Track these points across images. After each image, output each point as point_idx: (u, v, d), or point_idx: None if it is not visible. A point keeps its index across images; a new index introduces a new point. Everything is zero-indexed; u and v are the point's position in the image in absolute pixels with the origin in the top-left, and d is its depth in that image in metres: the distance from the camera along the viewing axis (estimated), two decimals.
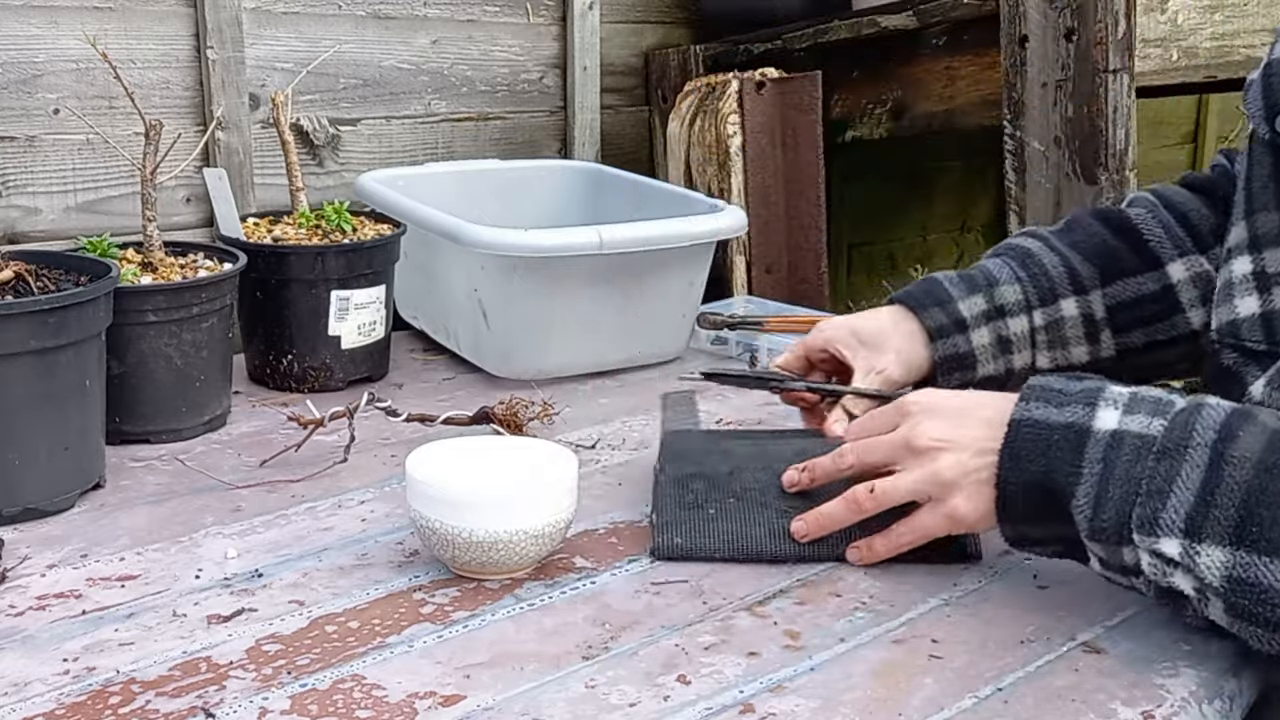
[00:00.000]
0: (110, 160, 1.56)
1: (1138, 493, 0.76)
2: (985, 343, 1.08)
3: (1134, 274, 1.08)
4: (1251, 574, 0.72)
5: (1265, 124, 0.87)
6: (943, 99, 1.85)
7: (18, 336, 0.96)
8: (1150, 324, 1.08)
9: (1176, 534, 0.74)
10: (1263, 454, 0.73)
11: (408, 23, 1.80)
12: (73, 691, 0.75)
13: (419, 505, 0.88)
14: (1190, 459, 0.75)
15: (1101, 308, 1.08)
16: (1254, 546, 0.72)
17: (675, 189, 1.62)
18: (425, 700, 0.74)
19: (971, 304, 1.08)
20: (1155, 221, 1.09)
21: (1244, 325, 0.88)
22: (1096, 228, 1.11)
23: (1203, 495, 0.74)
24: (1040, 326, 1.09)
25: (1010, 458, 0.81)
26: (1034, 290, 1.09)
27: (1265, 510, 0.72)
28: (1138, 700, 0.74)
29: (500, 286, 1.31)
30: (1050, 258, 1.10)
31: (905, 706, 0.74)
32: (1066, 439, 0.79)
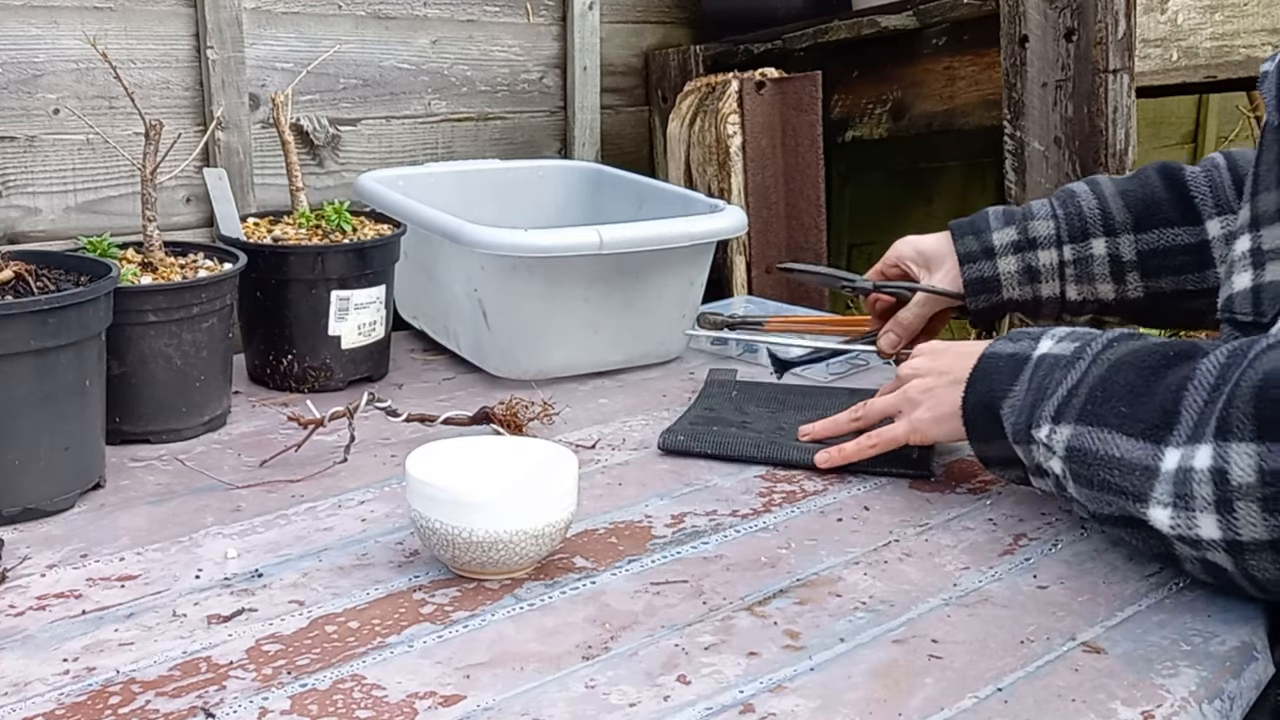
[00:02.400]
0: (110, 160, 1.56)
1: (1041, 398, 0.91)
2: (1011, 270, 1.22)
3: (1171, 225, 1.18)
4: (1082, 442, 0.87)
5: (1276, 112, 0.91)
6: (943, 99, 1.85)
7: (18, 336, 0.95)
8: (1180, 273, 1.18)
9: (1048, 421, 0.90)
10: (1124, 356, 0.88)
11: (408, 23, 1.80)
12: (73, 691, 0.75)
13: (419, 505, 0.88)
14: (1077, 366, 0.90)
15: (1131, 251, 1.19)
16: (1089, 420, 0.87)
17: (675, 189, 1.62)
18: (425, 700, 0.74)
19: (1004, 234, 1.23)
20: (1205, 180, 1.18)
21: (1238, 299, 0.92)
22: (1154, 180, 1.21)
23: (1071, 389, 0.89)
24: (1069, 260, 1.21)
25: (970, 384, 0.98)
26: (1066, 227, 1.22)
27: (1103, 393, 0.87)
28: (1138, 700, 0.74)
29: (500, 286, 1.31)
30: (1089, 200, 1.22)
31: (905, 706, 0.74)
32: (1009, 366, 0.96)
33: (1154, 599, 0.87)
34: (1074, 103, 1.59)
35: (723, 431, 1.17)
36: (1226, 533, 0.79)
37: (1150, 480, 0.82)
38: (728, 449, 1.13)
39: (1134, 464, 0.83)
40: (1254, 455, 0.77)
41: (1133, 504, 0.83)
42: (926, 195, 2.62)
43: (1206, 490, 0.79)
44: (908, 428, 1.05)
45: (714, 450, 1.14)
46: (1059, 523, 1.00)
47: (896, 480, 1.09)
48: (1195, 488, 0.80)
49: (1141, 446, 0.83)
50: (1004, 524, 1.00)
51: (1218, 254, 1.17)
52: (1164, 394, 0.83)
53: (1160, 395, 0.83)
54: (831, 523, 1.00)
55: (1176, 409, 0.82)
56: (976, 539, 0.97)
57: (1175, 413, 0.82)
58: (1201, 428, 0.80)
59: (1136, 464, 0.83)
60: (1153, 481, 0.82)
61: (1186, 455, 0.80)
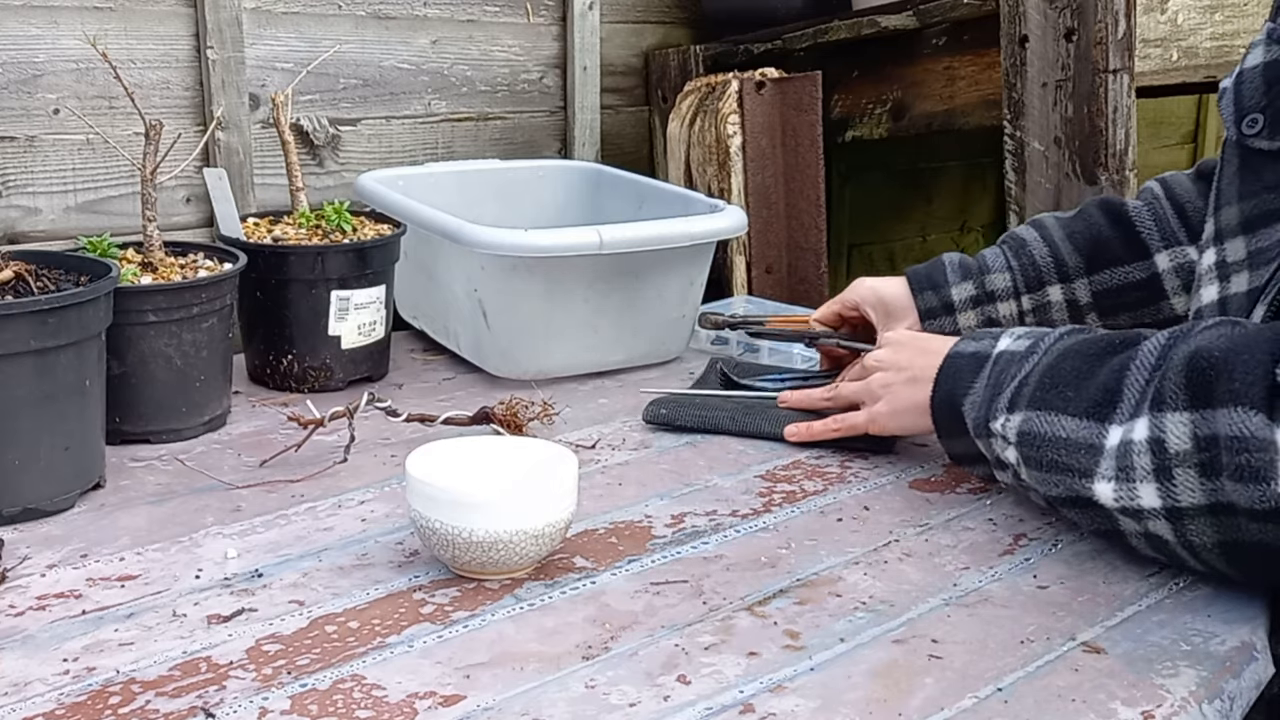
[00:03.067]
0: (110, 160, 1.56)
1: (997, 392, 0.94)
2: (971, 324, 1.23)
3: (1121, 263, 1.19)
4: (1031, 426, 0.90)
5: (1234, 127, 0.95)
6: (943, 99, 1.85)
7: (18, 336, 0.95)
8: (1135, 309, 1.19)
9: (1003, 411, 0.93)
10: (1072, 345, 0.92)
11: (408, 23, 1.80)
12: (73, 691, 0.75)
13: (419, 505, 0.88)
14: (1031, 359, 0.93)
15: (1087, 293, 1.21)
16: (1038, 405, 0.90)
17: (675, 189, 1.62)
18: (425, 700, 0.74)
19: (962, 290, 1.24)
20: (1150, 214, 1.20)
21: (1205, 311, 0.94)
22: (1097, 218, 1.22)
23: (1023, 379, 0.92)
24: (1029, 310, 1.23)
25: (936, 383, 1.01)
26: (1022, 278, 1.23)
27: (1051, 379, 0.90)
28: (1138, 700, 0.74)
29: (500, 286, 1.31)
30: (1040, 249, 1.23)
31: (905, 706, 0.74)
32: (971, 364, 0.99)
33: (1154, 599, 0.87)
34: (1074, 103, 1.59)
35: (704, 403, 1.23)
36: (1166, 500, 0.82)
37: (1095, 457, 0.85)
38: (706, 423, 1.20)
39: (1079, 443, 0.86)
40: (1188, 424, 0.80)
41: (1079, 481, 0.86)
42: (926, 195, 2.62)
43: (1145, 460, 0.82)
44: (867, 419, 1.10)
45: (693, 424, 1.20)
46: (1059, 523, 1.00)
47: (896, 480, 1.09)
48: (1135, 459, 0.82)
49: (1086, 426, 0.86)
50: (1004, 524, 1.00)
51: (1169, 286, 1.18)
52: (1108, 375, 0.87)
53: (1104, 376, 0.87)
54: (831, 523, 1.00)
55: (1119, 387, 0.85)
56: (976, 539, 0.97)
57: (1118, 391, 0.85)
58: (1141, 403, 0.83)
59: (1082, 443, 0.86)
60: (1097, 458, 0.85)
61: (1127, 430, 0.83)
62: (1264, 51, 0.95)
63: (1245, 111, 0.94)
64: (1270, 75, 0.93)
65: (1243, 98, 0.95)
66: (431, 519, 0.87)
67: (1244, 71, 0.96)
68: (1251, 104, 0.94)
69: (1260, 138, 0.93)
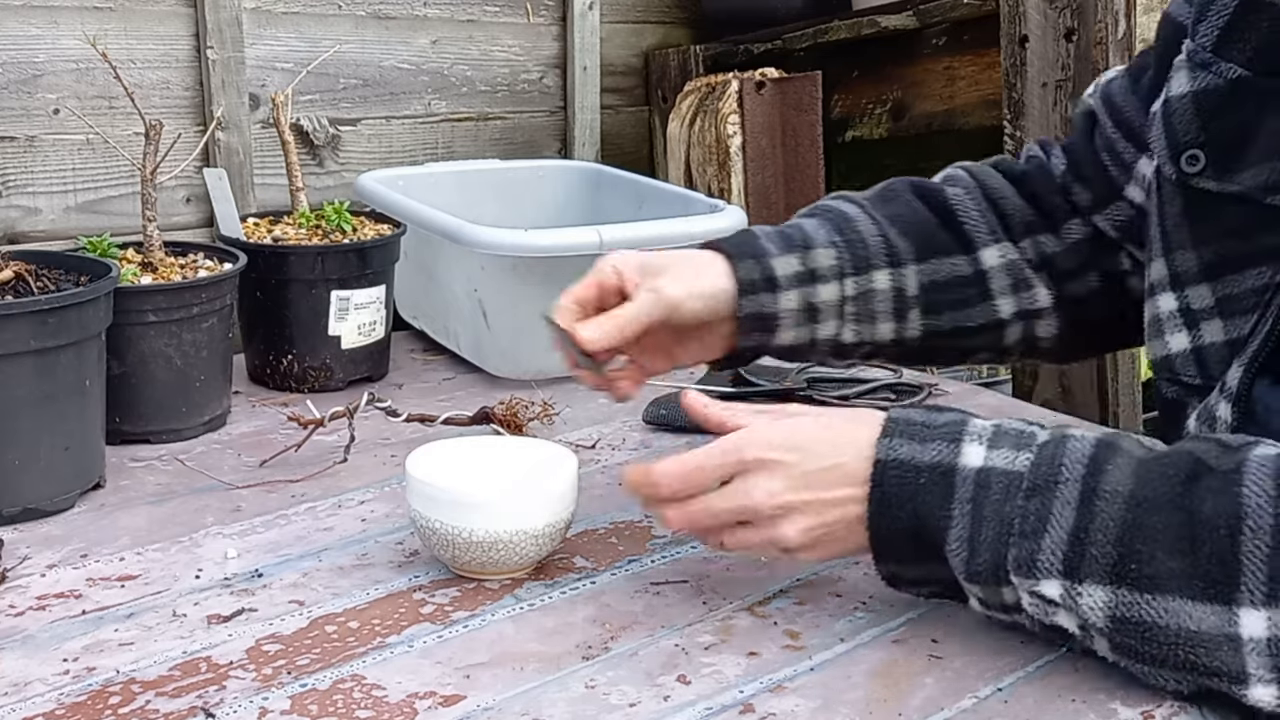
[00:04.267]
0: (110, 160, 1.56)
1: (1010, 533, 0.74)
2: (792, 307, 1.00)
3: (950, 254, 1.04)
4: (1135, 612, 0.71)
5: (1171, 164, 0.87)
6: (943, 99, 1.84)
7: (18, 336, 0.96)
8: (959, 308, 1.04)
9: (1056, 575, 0.73)
10: (1134, 487, 0.73)
11: (408, 23, 1.80)
12: (73, 691, 0.75)
13: (419, 505, 0.88)
14: (1061, 495, 0.74)
15: (915, 284, 1.03)
16: (1135, 584, 0.71)
17: (675, 189, 1.62)
18: (425, 700, 0.74)
19: (785, 263, 1.00)
20: (973, 204, 1.06)
21: (1177, 360, 0.88)
22: (915, 203, 1.06)
23: (1077, 533, 0.73)
24: (851, 296, 1.02)
25: (879, 503, 0.78)
26: (849, 257, 1.02)
27: (1142, 545, 0.71)
28: (1138, 700, 0.74)
29: (500, 286, 1.31)
30: (868, 225, 1.04)
31: (905, 706, 0.74)
32: (934, 480, 0.77)
33: None
34: (1074, 103, 1.59)
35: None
36: None
37: (1238, 653, 0.69)
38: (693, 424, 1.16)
39: (1213, 635, 0.70)
40: None
41: (1225, 684, 0.70)
42: None
43: None
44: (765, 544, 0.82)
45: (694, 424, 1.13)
46: None
47: None
48: None
49: (1214, 611, 0.69)
50: None
51: (996, 285, 1.04)
52: (1210, 538, 0.70)
53: (1206, 539, 0.70)
54: None
55: (1235, 557, 0.69)
56: None
57: (1235, 561, 0.69)
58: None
59: (1215, 634, 0.69)
60: (1239, 654, 0.69)
61: (1276, 621, 0.68)
62: (1189, 78, 0.87)
63: (1181, 147, 0.86)
64: (1204, 107, 0.86)
65: (1175, 131, 0.87)
66: (431, 519, 0.87)
67: (1171, 100, 0.88)
68: (1187, 139, 0.86)
69: (1204, 178, 0.85)
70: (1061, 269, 1.05)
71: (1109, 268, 1.05)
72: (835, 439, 0.81)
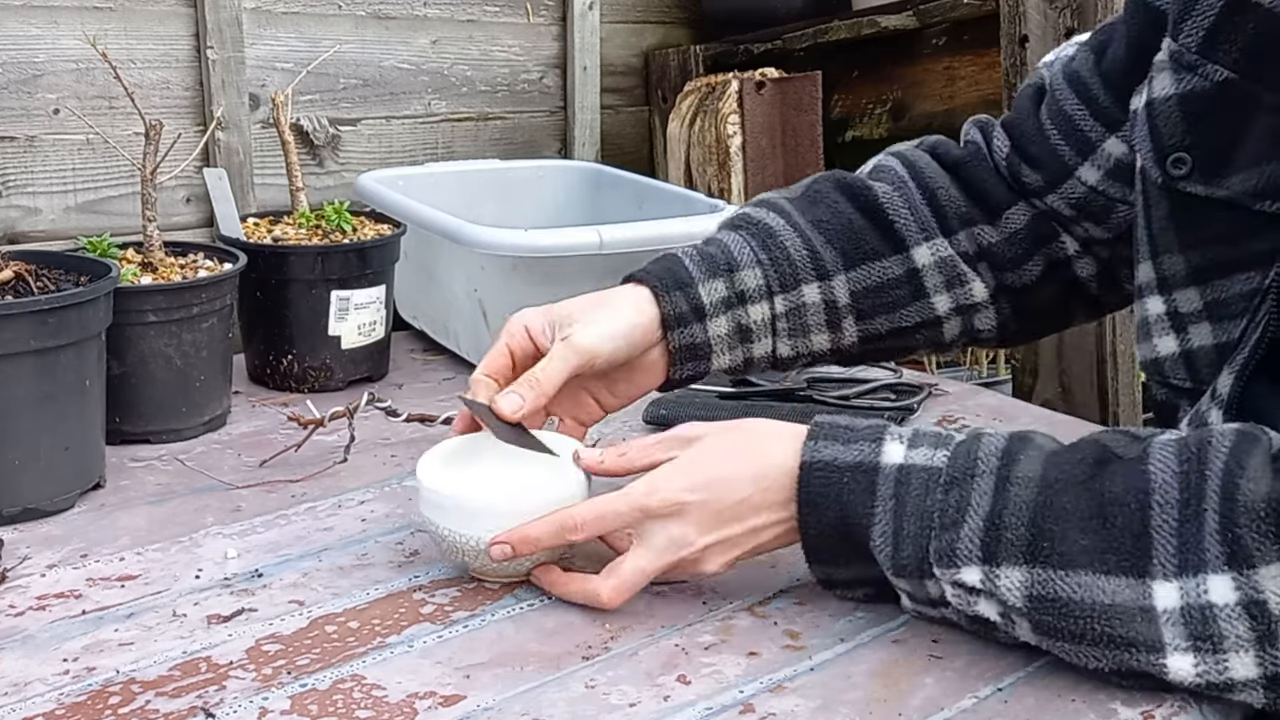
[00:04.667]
0: (110, 160, 1.56)
1: (931, 526, 0.76)
2: (723, 333, 0.99)
3: (878, 258, 1.02)
4: (1051, 589, 0.73)
5: (1157, 167, 0.86)
6: (943, 99, 1.84)
7: (18, 336, 0.96)
8: (894, 310, 1.03)
9: (975, 561, 0.75)
10: (1044, 472, 0.75)
11: (408, 23, 1.80)
12: (73, 691, 0.75)
13: (429, 513, 0.87)
14: (978, 487, 0.76)
15: (845, 293, 1.01)
16: (1048, 562, 0.73)
17: (675, 189, 1.62)
18: (425, 700, 0.74)
19: (712, 288, 0.98)
20: (903, 201, 1.03)
21: (1166, 364, 0.88)
22: (842, 205, 1.04)
23: (992, 519, 0.75)
24: (781, 313, 1.00)
25: (806, 504, 0.80)
26: (775, 275, 1.00)
27: (1054, 525, 0.73)
28: (1138, 700, 0.74)
29: (500, 286, 1.31)
30: (792, 239, 1.01)
31: (905, 706, 0.74)
32: (856, 480, 0.79)
33: None
34: None
35: (705, 403, 1.21)
36: (1267, 668, 0.69)
37: (1153, 623, 0.71)
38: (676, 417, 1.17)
39: (1128, 608, 0.71)
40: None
41: (1144, 655, 0.71)
42: None
43: (1241, 627, 0.69)
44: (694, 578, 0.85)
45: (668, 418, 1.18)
46: None
47: None
48: (1223, 626, 0.69)
49: (1125, 584, 0.71)
50: None
51: (930, 283, 1.02)
52: (1121, 514, 0.72)
53: (1117, 515, 0.72)
54: None
55: (1145, 531, 0.71)
56: None
57: (1144, 536, 0.71)
58: (1196, 554, 0.70)
59: (1130, 606, 0.71)
60: (1157, 625, 0.71)
61: (1189, 590, 0.70)
62: (1173, 79, 0.85)
63: (1167, 150, 0.85)
64: (1190, 110, 0.84)
65: (1160, 133, 0.86)
66: (441, 526, 0.86)
67: (1155, 101, 0.86)
68: (1173, 142, 0.85)
69: (1192, 181, 0.84)
70: (1001, 259, 1.04)
71: (1051, 255, 1.04)
72: (750, 467, 0.82)
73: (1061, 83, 1.01)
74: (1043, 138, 1.01)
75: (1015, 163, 1.03)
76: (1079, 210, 1.01)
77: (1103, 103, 0.97)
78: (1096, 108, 0.98)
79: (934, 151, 1.08)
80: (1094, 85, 0.98)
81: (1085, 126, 0.99)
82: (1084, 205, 1.01)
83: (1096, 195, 0.99)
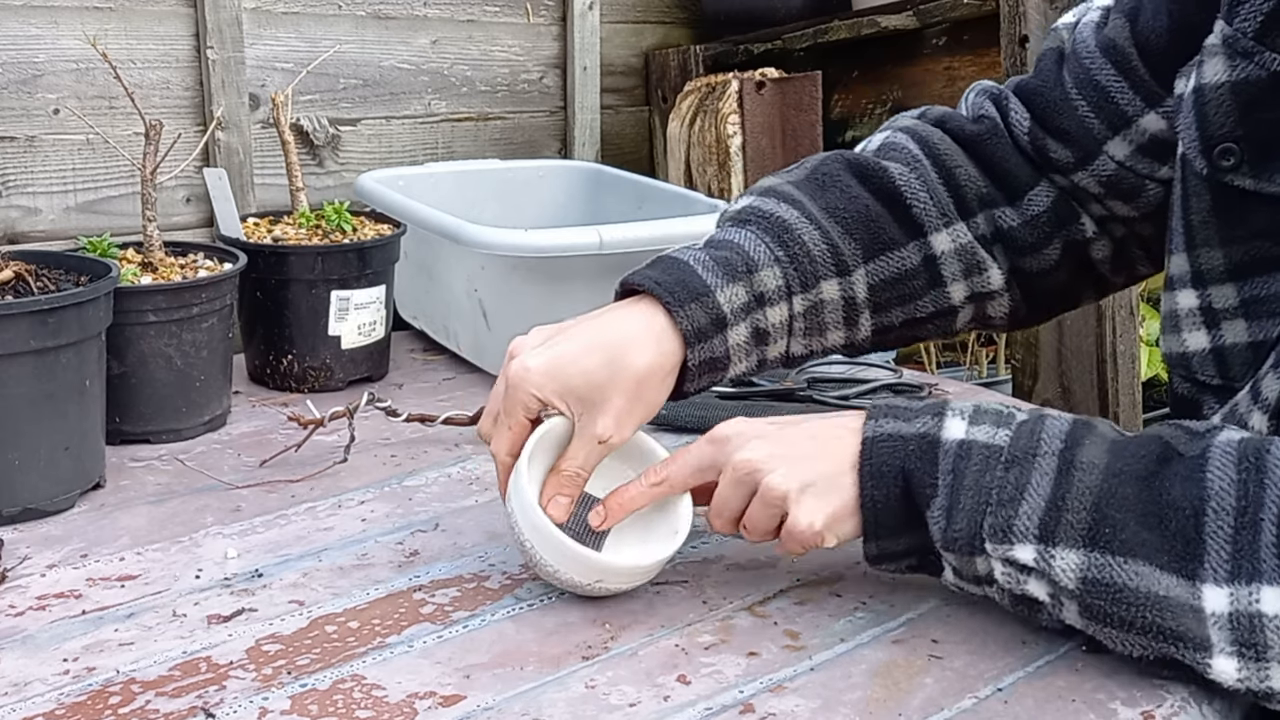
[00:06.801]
0: (110, 160, 1.56)
1: (988, 502, 0.76)
2: (741, 340, 0.93)
3: (896, 247, 0.97)
4: (1106, 574, 0.73)
5: (1202, 157, 0.82)
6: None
7: (18, 336, 0.96)
8: (909, 301, 0.99)
9: (1031, 540, 0.75)
10: (1109, 460, 0.75)
11: (408, 23, 1.80)
12: (73, 691, 0.75)
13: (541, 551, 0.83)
14: (1039, 467, 0.76)
15: (864, 288, 0.97)
16: (1107, 547, 0.73)
17: (675, 189, 1.62)
18: (425, 700, 0.74)
19: (731, 294, 0.91)
20: (920, 183, 0.98)
21: (1194, 359, 0.86)
22: (856, 189, 0.98)
23: (1054, 500, 0.75)
24: (799, 313, 0.95)
25: (871, 475, 0.80)
26: (795, 273, 0.94)
27: (1116, 513, 0.73)
28: (1138, 700, 0.74)
29: (500, 286, 1.31)
30: (810, 232, 0.95)
31: (905, 706, 0.74)
32: (921, 448, 0.79)
33: None
34: None
35: (705, 402, 1.19)
36: None
37: (1200, 624, 0.71)
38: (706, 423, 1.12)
39: (1180, 602, 0.71)
40: None
41: (1190, 652, 0.71)
42: None
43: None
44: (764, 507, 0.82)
45: (693, 424, 1.16)
46: None
47: None
48: (1269, 636, 0.69)
49: (1177, 582, 0.71)
50: None
51: (948, 271, 0.98)
52: (1176, 517, 0.72)
53: (1173, 518, 0.72)
54: None
55: (1199, 536, 0.71)
56: None
57: (1199, 541, 0.71)
58: (1251, 562, 0.69)
59: (1183, 603, 0.71)
60: (1203, 626, 0.70)
61: (1240, 597, 0.69)
62: (1226, 66, 0.80)
63: (1215, 140, 0.81)
64: (1243, 99, 0.80)
65: (1208, 122, 0.82)
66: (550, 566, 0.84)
67: (1205, 88, 0.82)
68: (1222, 131, 0.81)
69: (1239, 174, 0.80)
70: (1020, 243, 0.99)
71: (1070, 238, 1.00)
72: (819, 421, 0.85)
73: (1094, 49, 0.95)
74: (1070, 108, 0.96)
75: (1040, 136, 0.98)
76: (1107, 188, 0.97)
77: (1142, 74, 0.92)
78: (1136, 79, 0.93)
79: (944, 125, 1.02)
80: (1132, 56, 0.93)
81: (1122, 100, 0.94)
82: (1114, 183, 0.96)
83: (1126, 172, 0.95)
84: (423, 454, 1.15)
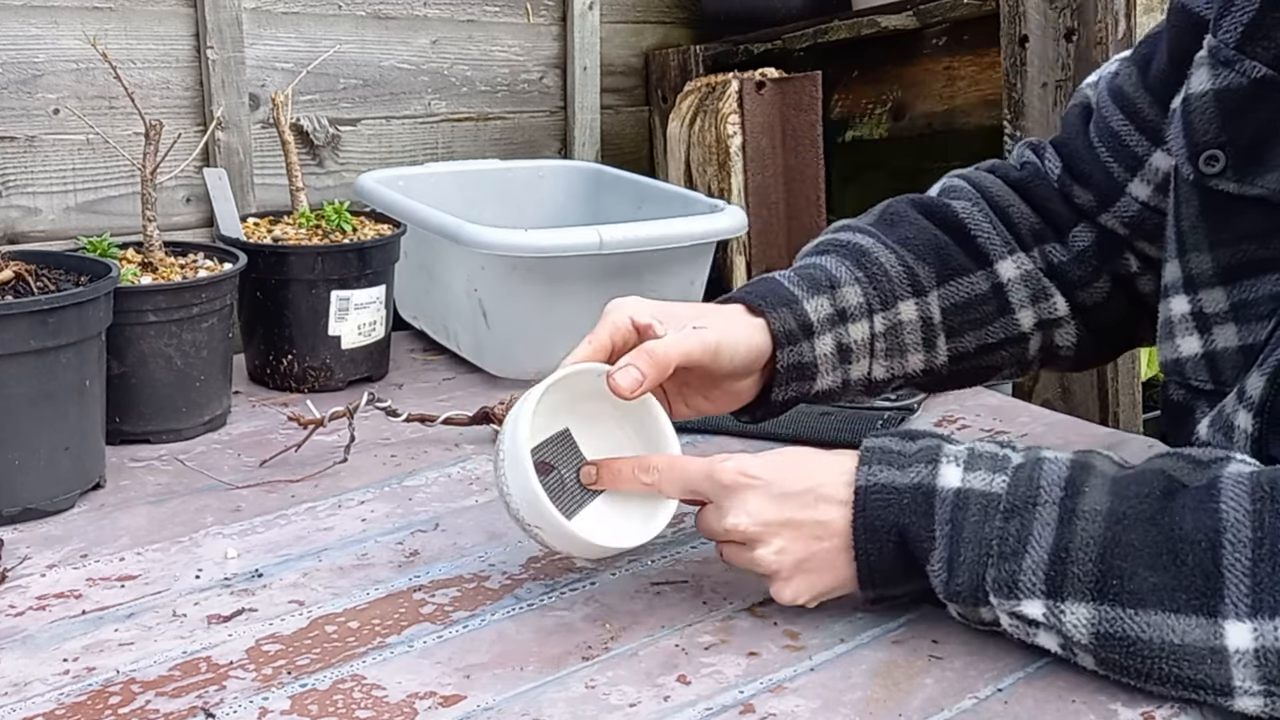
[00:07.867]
0: (110, 160, 1.56)
1: (989, 554, 0.75)
2: (828, 352, 0.95)
3: (966, 273, 1.00)
4: (1119, 628, 0.72)
5: (1189, 164, 0.85)
6: (943, 99, 1.84)
7: (18, 336, 0.96)
8: (981, 326, 1.01)
9: (1038, 595, 0.74)
10: (1111, 504, 0.74)
11: (408, 23, 1.80)
12: (73, 691, 0.75)
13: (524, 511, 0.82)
14: (1040, 517, 0.75)
15: (938, 310, 0.99)
16: (1117, 600, 0.72)
17: (675, 189, 1.62)
18: (425, 700, 0.74)
19: (817, 305, 0.95)
20: (983, 216, 1.02)
21: (1188, 365, 0.87)
22: (923, 223, 1.02)
23: (1058, 553, 0.74)
24: (880, 333, 0.98)
25: (864, 529, 0.79)
26: (874, 292, 0.97)
27: (1123, 562, 0.72)
28: (1138, 700, 0.74)
29: (500, 286, 1.31)
30: (887, 255, 0.99)
31: (905, 706, 0.74)
32: (915, 501, 0.78)
33: None
34: None
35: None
36: None
37: (1223, 665, 0.70)
38: (706, 424, 1.16)
39: (1198, 648, 0.70)
40: None
41: (1212, 696, 0.71)
42: None
43: None
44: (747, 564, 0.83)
45: (693, 424, 1.15)
46: None
47: None
48: None
49: (1197, 624, 0.70)
50: None
51: (1015, 299, 1.01)
52: (1192, 551, 0.71)
53: (1188, 553, 0.71)
54: None
55: (1217, 570, 0.70)
56: None
57: (1217, 574, 0.70)
58: (1272, 595, 0.69)
59: (1201, 648, 0.70)
60: (1226, 666, 0.70)
61: (1265, 632, 0.68)
62: (1210, 75, 0.83)
63: (1200, 147, 0.84)
64: (1225, 106, 0.82)
65: (1194, 129, 0.84)
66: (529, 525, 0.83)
67: (1191, 98, 0.85)
68: (1207, 138, 0.84)
69: (1224, 179, 0.83)
70: (1071, 278, 1.02)
71: (1117, 271, 1.02)
72: (814, 463, 0.82)
73: (1106, 99, 1.00)
74: (1093, 155, 1.00)
75: (1067, 183, 1.02)
76: (1133, 229, 1.00)
77: (1147, 115, 0.96)
78: (1141, 121, 0.97)
79: (994, 172, 1.07)
80: (1138, 99, 0.97)
81: (1131, 141, 0.98)
82: (1138, 223, 0.99)
83: (1149, 212, 0.98)
84: (423, 454, 1.15)
